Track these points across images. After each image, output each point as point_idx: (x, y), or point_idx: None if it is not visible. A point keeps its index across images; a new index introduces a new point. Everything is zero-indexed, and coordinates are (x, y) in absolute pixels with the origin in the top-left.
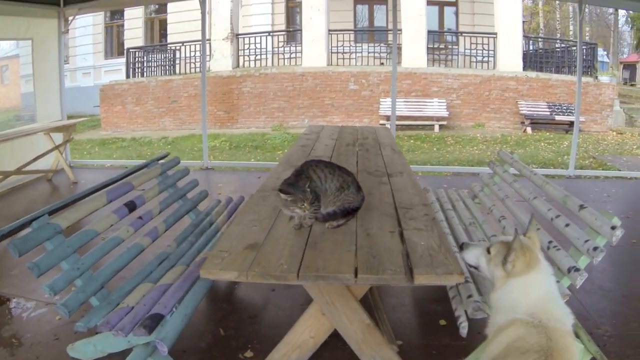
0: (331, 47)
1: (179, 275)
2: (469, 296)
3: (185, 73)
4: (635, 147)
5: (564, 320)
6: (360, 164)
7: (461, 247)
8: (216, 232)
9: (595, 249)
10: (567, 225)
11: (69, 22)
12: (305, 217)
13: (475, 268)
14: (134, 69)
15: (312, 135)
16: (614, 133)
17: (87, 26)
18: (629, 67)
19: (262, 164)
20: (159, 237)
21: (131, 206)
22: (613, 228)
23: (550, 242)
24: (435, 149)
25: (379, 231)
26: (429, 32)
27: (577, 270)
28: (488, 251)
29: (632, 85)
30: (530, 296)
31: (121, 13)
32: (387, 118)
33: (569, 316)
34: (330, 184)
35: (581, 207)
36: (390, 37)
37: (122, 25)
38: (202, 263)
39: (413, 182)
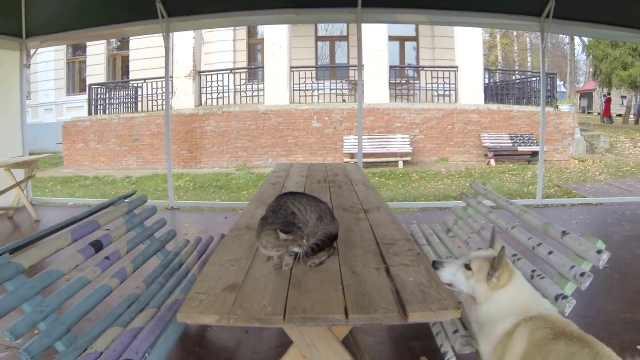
0: (293, 84)
1: (150, 319)
2: (456, 331)
3: (148, 111)
4: (597, 173)
5: (551, 307)
6: (335, 201)
7: (434, 265)
8: (187, 273)
9: (582, 274)
10: (550, 253)
11: (32, 55)
12: (286, 256)
13: (449, 285)
14: (97, 106)
15: (281, 173)
16: (576, 161)
17: (49, 62)
18: (586, 95)
19: (228, 204)
20: (127, 278)
21: (97, 246)
22: (599, 252)
23: (533, 271)
24: (400, 185)
25: (364, 269)
26: (391, 67)
27: (565, 297)
28: (467, 268)
29: (589, 113)
30: (520, 300)
31: (83, 49)
32: (352, 156)
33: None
34: (311, 215)
35: (564, 233)
36: (352, 73)
37: (85, 62)
38: (174, 306)
39: (392, 218)
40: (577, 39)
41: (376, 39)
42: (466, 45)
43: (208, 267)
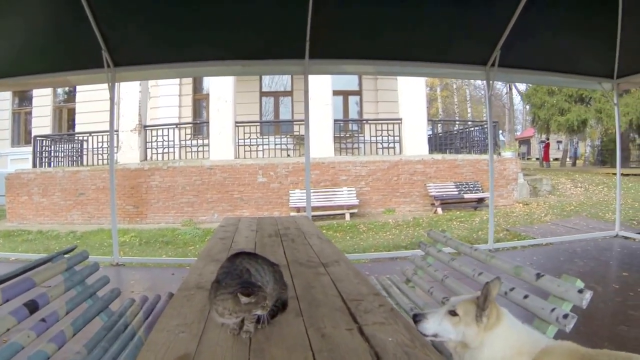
0: (238, 139)
1: None
2: None
3: (93, 164)
4: (543, 215)
5: (544, 338)
6: (289, 255)
7: (415, 318)
8: (133, 335)
9: (565, 316)
10: (525, 297)
11: None
12: (246, 322)
13: (434, 336)
14: (41, 158)
15: (229, 227)
16: (521, 205)
17: None
18: (525, 142)
19: (175, 260)
20: (66, 342)
21: (32, 306)
22: (580, 291)
23: None
24: (348, 237)
25: (334, 330)
26: (335, 121)
27: None
28: (452, 314)
29: (528, 159)
30: (520, 335)
31: (29, 99)
32: (298, 210)
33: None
34: (267, 277)
35: (538, 275)
36: (296, 128)
37: (30, 112)
38: None
39: (354, 271)
40: (514, 90)
41: (320, 92)
42: (409, 98)
43: (155, 334)
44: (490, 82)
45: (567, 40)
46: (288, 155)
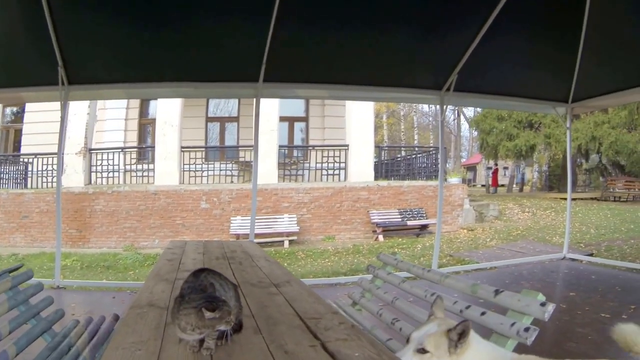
0: (183, 165)
1: None
2: None
3: (38, 187)
4: (488, 240)
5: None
6: (239, 276)
7: None
8: (77, 356)
9: (526, 329)
10: (482, 313)
11: None
12: (207, 338)
13: None
14: None
15: (176, 250)
16: (465, 230)
17: None
18: (471, 169)
19: (115, 283)
20: None
21: None
22: (543, 304)
23: None
24: (286, 264)
25: (296, 347)
26: (280, 147)
27: None
28: (422, 351)
29: (473, 185)
30: (485, 357)
31: None
32: (237, 237)
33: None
34: (230, 293)
35: (497, 292)
36: (241, 154)
37: None
38: None
39: (308, 291)
40: (462, 116)
41: (267, 118)
42: (357, 124)
43: (109, 352)
44: (444, 106)
45: (526, 67)
46: (232, 182)
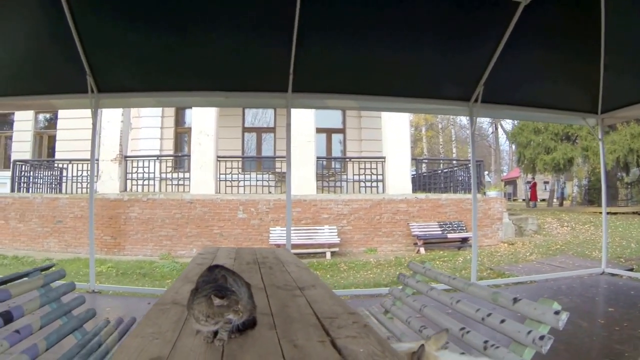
0: (219, 174)
1: None
2: None
3: (72, 193)
4: (528, 254)
5: None
6: (267, 280)
7: None
8: (106, 353)
9: (542, 337)
10: (502, 321)
11: None
12: (220, 330)
13: None
14: (20, 183)
15: (208, 255)
16: (506, 244)
17: None
18: (511, 183)
19: (152, 290)
20: (38, 355)
21: (7, 317)
22: (557, 313)
23: (486, 341)
24: (329, 275)
25: (306, 342)
26: (318, 158)
27: None
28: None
29: (514, 200)
30: None
31: (10, 124)
32: (277, 247)
33: None
34: (243, 289)
35: (515, 300)
36: (278, 164)
37: (11, 137)
38: None
39: (330, 294)
40: (500, 130)
41: (303, 129)
42: (393, 136)
43: (128, 339)
44: (474, 117)
45: (549, 78)
46: (269, 192)
